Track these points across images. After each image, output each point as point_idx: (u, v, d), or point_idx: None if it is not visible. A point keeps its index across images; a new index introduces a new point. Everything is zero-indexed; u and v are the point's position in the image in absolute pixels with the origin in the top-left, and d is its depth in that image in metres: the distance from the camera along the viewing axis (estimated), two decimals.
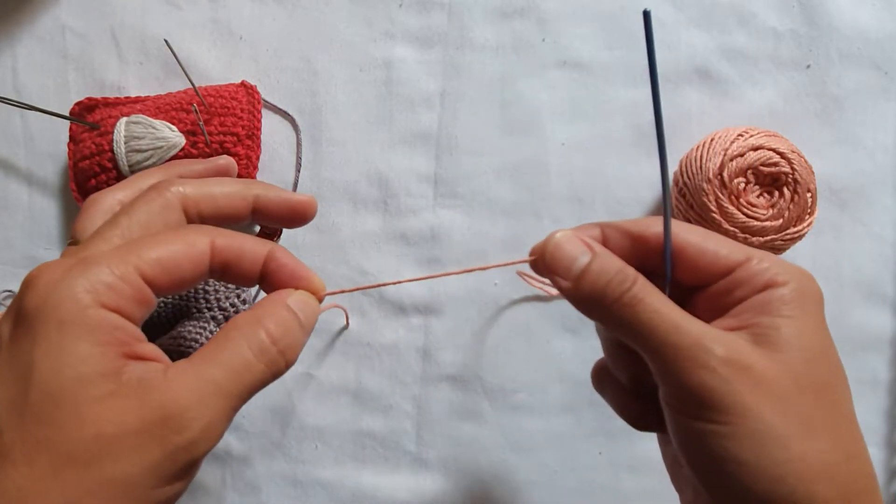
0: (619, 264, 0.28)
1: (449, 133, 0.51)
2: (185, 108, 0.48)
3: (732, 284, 0.28)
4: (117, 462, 0.22)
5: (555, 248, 0.28)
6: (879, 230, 0.50)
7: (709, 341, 0.26)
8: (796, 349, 0.26)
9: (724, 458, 0.25)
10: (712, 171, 0.44)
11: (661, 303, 0.27)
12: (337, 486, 0.51)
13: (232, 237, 0.28)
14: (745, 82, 0.50)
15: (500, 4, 0.51)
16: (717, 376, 0.25)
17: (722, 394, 0.25)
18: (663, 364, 0.26)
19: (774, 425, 0.25)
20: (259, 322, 0.26)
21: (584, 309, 0.28)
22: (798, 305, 0.27)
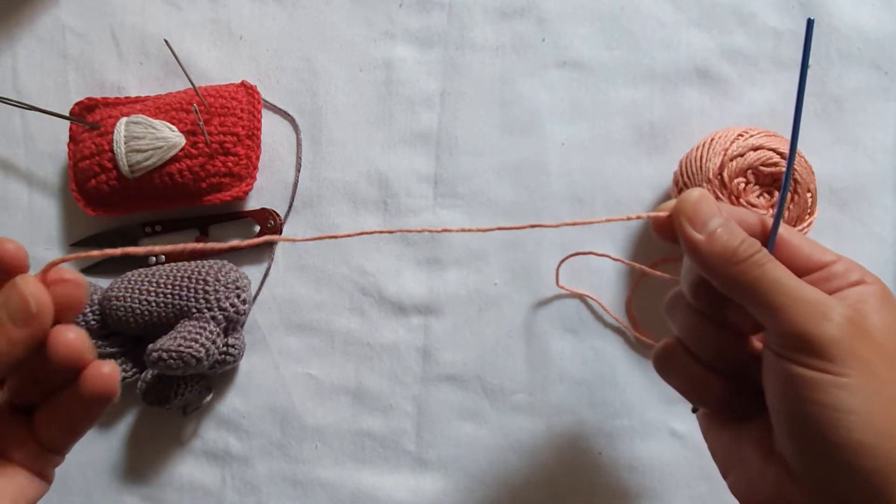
0: (745, 233, 0.30)
1: (449, 133, 0.51)
2: (185, 108, 0.48)
3: (826, 277, 0.31)
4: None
5: (696, 204, 0.31)
6: (879, 230, 0.50)
7: (831, 300, 0.28)
8: (893, 332, 0.29)
9: (834, 406, 0.26)
10: (712, 171, 0.44)
11: (784, 268, 0.30)
12: (337, 486, 0.51)
13: None
14: (745, 82, 0.50)
15: (500, 4, 0.51)
16: (839, 329, 0.27)
17: (842, 345, 0.27)
18: (787, 315, 0.28)
19: (887, 384, 0.27)
20: None
21: (710, 262, 0.30)
22: (885, 300, 0.30)
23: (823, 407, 0.27)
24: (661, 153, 0.50)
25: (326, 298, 0.51)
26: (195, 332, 0.44)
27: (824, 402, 0.27)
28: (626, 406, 0.50)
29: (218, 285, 0.47)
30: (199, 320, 0.46)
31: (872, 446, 0.26)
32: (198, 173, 0.48)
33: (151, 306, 0.47)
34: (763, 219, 0.33)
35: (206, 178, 0.48)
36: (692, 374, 0.33)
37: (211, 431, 0.51)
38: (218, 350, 0.46)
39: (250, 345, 0.51)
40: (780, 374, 0.28)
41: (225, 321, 0.47)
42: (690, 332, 0.34)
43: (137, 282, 0.48)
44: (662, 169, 0.50)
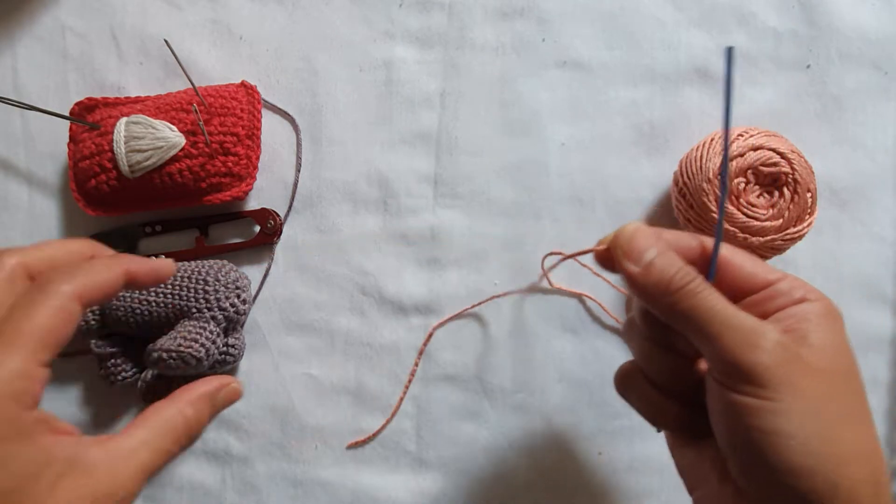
0: (681, 262, 0.31)
1: (449, 133, 0.51)
2: (185, 108, 0.48)
3: (769, 296, 0.32)
4: None
5: (630, 238, 0.32)
6: (879, 230, 0.50)
7: (763, 327, 0.29)
8: (832, 351, 0.29)
9: (770, 431, 0.27)
10: (712, 171, 0.44)
11: (719, 296, 0.30)
12: (337, 486, 0.51)
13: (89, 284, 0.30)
14: (745, 82, 0.50)
15: (500, 4, 0.51)
16: (770, 356, 0.28)
17: (773, 371, 0.28)
18: (721, 344, 0.29)
19: (819, 406, 0.28)
20: (182, 413, 0.31)
21: (648, 294, 0.31)
22: (828, 318, 0.30)
23: (761, 432, 0.27)
24: (661, 153, 0.50)
25: (326, 298, 0.51)
26: (195, 332, 0.44)
27: (761, 427, 0.28)
28: (626, 406, 0.50)
29: (218, 285, 0.47)
30: (199, 320, 0.46)
31: (810, 468, 0.27)
32: (198, 173, 0.48)
33: (151, 306, 0.46)
34: (704, 242, 0.33)
35: (206, 178, 0.48)
36: (649, 398, 0.34)
37: (211, 431, 0.51)
38: (218, 350, 0.46)
39: (250, 345, 0.51)
40: (721, 400, 0.29)
41: (225, 321, 0.47)
42: (644, 357, 0.35)
43: None
44: (662, 169, 0.50)
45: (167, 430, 0.30)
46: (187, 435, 0.31)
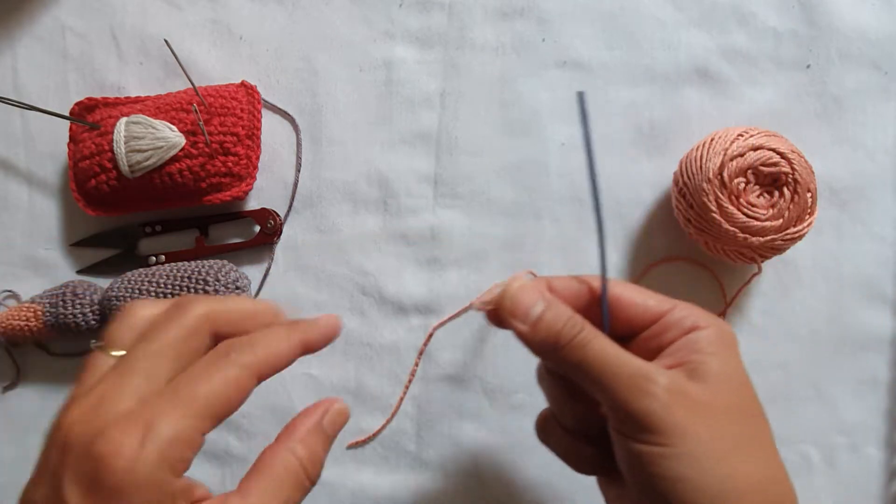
0: (569, 312, 0.31)
1: (449, 133, 0.51)
2: (185, 108, 0.48)
3: (662, 329, 0.32)
4: None
5: (515, 296, 0.32)
6: (879, 230, 0.50)
7: (651, 372, 0.29)
8: (724, 380, 0.30)
9: (667, 477, 0.28)
10: (712, 171, 0.44)
11: (608, 343, 0.30)
12: (337, 486, 0.51)
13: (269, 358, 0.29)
14: (745, 82, 0.50)
15: (500, 4, 0.51)
16: (659, 402, 0.28)
17: (663, 417, 0.28)
18: (612, 394, 0.29)
19: (711, 445, 0.28)
20: (294, 454, 0.30)
21: (538, 350, 0.32)
22: (720, 345, 0.31)
23: (661, 478, 0.28)
24: (661, 153, 0.50)
25: (326, 298, 0.51)
26: None
27: (661, 474, 0.28)
28: None
29: (218, 285, 0.47)
30: None
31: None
32: (198, 173, 0.48)
33: None
34: (591, 284, 0.33)
35: (206, 178, 0.48)
36: (564, 443, 0.35)
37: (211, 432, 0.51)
38: None
39: None
40: (620, 448, 0.30)
41: None
42: (555, 403, 0.36)
43: (137, 282, 0.48)
44: (662, 169, 0.50)
45: (286, 478, 0.29)
46: (308, 477, 0.30)
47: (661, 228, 0.50)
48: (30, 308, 0.49)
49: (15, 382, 0.52)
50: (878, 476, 0.50)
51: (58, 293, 0.49)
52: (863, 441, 0.50)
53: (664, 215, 0.50)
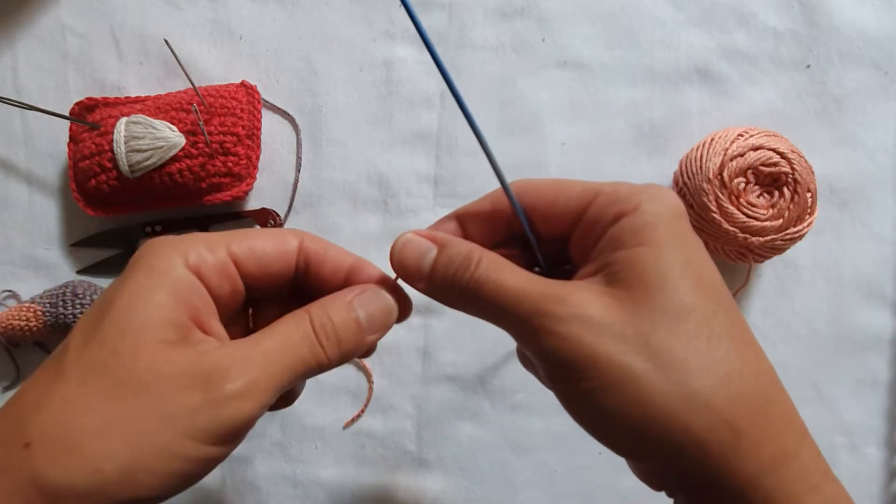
0: (465, 250, 0.27)
1: (449, 133, 0.51)
2: (185, 108, 0.48)
3: (588, 225, 0.27)
4: (161, 398, 0.23)
5: (399, 253, 0.28)
6: (879, 230, 0.50)
7: (549, 304, 0.25)
8: (654, 276, 0.24)
9: (601, 412, 0.24)
10: (712, 171, 0.44)
11: (505, 276, 0.26)
12: (337, 486, 0.51)
13: (319, 242, 0.29)
14: (745, 82, 0.50)
15: (500, 4, 0.51)
16: (561, 338, 0.24)
17: (572, 353, 0.24)
18: (518, 337, 0.26)
19: (630, 367, 0.23)
20: (308, 310, 0.27)
21: (444, 302, 0.28)
22: (650, 227, 0.25)
23: (592, 415, 0.25)
24: (661, 153, 0.50)
25: None
26: None
27: (590, 410, 0.25)
28: None
29: None
30: None
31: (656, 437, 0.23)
32: (198, 173, 0.48)
33: None
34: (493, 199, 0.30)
35: (206, 178, 0.48)
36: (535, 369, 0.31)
37: None
38: None
39: None
40: (553, 391, 0.27)
41: None
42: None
43: None
44: (662, 169, 0.50)
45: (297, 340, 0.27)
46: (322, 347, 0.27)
47: None
48: (30, 308, 0.49)
49: (15, 382, 0.52)
50: (878, 476, 0.50)
51: (58, 293, 0.49)
52: (863, 441, 0.50)
53: None
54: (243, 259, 0.28)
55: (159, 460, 0.23)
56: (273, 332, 0.27)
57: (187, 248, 0.26)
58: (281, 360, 0.26)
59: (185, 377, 0.24)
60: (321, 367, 0.27)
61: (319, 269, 0.29)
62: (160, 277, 0.25)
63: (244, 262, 0.28)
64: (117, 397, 0.23)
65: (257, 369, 0.25)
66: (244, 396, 0.25)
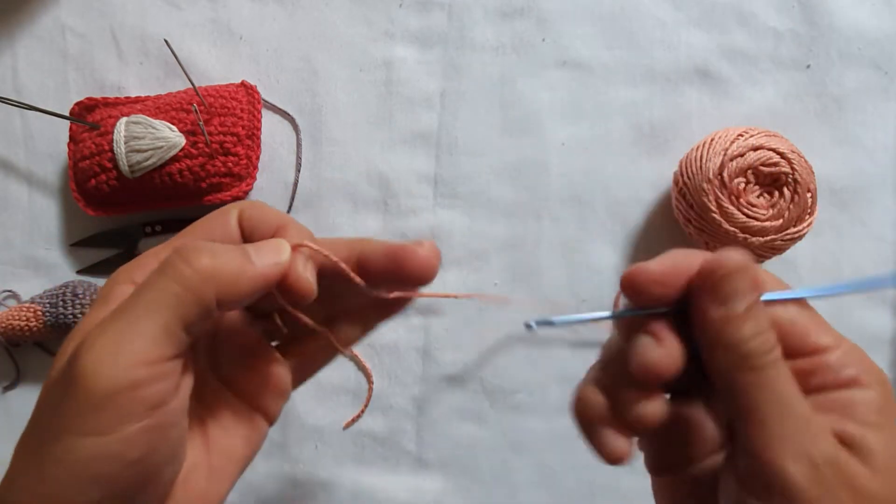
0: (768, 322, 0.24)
1: (449, 133, 0.51)
2: (185, 108, 0.48)
3: (815, 366, 0.25)
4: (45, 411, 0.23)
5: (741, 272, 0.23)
6: (879, 230, 0.50)
7: (818, 431, 0.22)
8: (890, 467, 0.23)
9: None
10: (712, 171, 0.44)
11: (786, 374, 0.23)
12: (337, 486, 0.51)
13: (259, 208, 0.28)
14: (745, 82, 0.50)
15: (500, 4, 0.51)
16: (819, 475, 0.22)
17: (808, 491, 0.21)
18: (758, 432, 0.23)
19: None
20: (174, 246, 0.25)
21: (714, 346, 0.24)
22: (884, 413, 0.24)
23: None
24: (661, 153, 0.50)
25: None
26: None
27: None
28: None
29: None
30: None
31: None
32: (198, 173, 0.48)
33: None
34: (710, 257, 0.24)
35: (206, 178, 0.48)
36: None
37: None
38: None
39: None
40: (730, 496, 0.24)
41: None
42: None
43: None
44: (662, 169, 0.50)
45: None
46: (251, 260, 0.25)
47: (661, 228, 0.50)
48: (30, 308, 0.49)
49: (15, 382, 0.52)
50: None
51: (58, 293, 0.49)
52: None
53: (664, 215, 0.50)
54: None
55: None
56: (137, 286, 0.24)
57: (134, 267, 0.26)
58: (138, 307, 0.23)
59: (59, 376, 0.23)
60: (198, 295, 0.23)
61: (251, 237, 0.28)
62: (98, 303, 0.25)
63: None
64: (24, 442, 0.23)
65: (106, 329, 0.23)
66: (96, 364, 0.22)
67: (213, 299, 0.24)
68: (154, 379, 0.22)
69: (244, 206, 0.28)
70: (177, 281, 0.23)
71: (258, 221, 0.28)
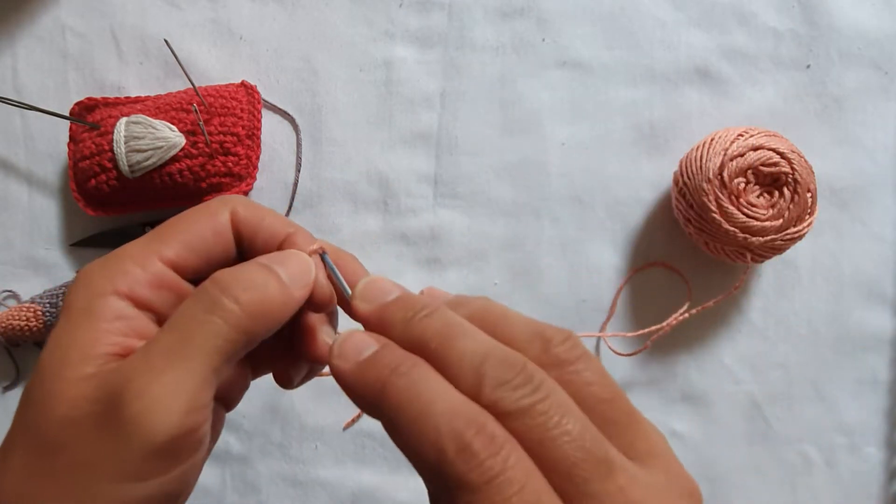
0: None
1: (449, 133, 0.51)
2: (185, 108, 0.48)
3: None
4: (78, 449, 0.21)
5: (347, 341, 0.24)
6: (879, 230, 0.50)
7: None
8: None
9: None
10: (712, 171, 0.44)
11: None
12: (337, 486, 0.51)
13: (255, 209, 0.27)
14: (745, 82, 0.50)
15: (500, 4, 0.51)
16: None
17: None
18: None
19: None
20: (210, 278, 0.24)
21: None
22: None
23: None
24: (661, 153, 0.50)
25: None
26: None
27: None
28: None
29: None
30: None
31: None
32: (198, 173, 0.48)
33: None
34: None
35: (206, 178, 0.48)
36: None
37: None
38: None
39: None
40: None
41: None
42: None
43: None
44: (662, 169, 0.50)
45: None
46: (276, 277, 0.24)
47: (661, 228, 0.50)
48: (30, 308, 0.49)
49: (15, 382, 0.52)
50: (878, 476, 0.50)
51: (58, 293, 0.49)
52: (863, 441, 0.50)
53: (664, 215, 0.50)
54: (180, 259, 0.25)
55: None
56: (172, 320, 0.23)
57: (114, 273, 0.24)
58: (187, 348, 0.22)
59: (93, 417, 0.21)
60: (246, 333, 0.23)
61: (252, 241, 0.26)
62: (80, 314, 0.23)
63: (182, 262, 0.25)
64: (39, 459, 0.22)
65: (157, 374, 0.21)
66: (152, 414, 0.21)
67: (258, 335, 0.23)
68: (204, 420, 0.22)
69: (235, 205, 0.27)
70: (225, 320, 0.22)
71: (258, 226, 0.27)
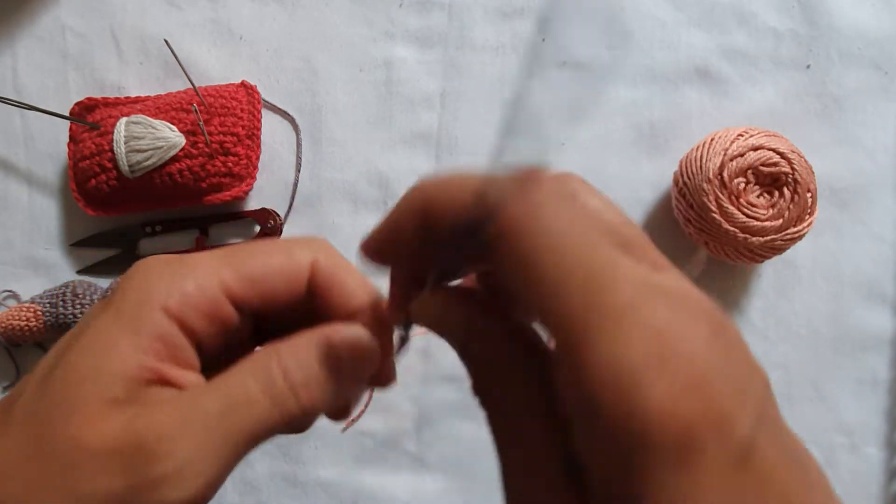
0: None
1: (449, 133, 0.51)
2: (185, 108, 0.48)
3: None
4: (84, 480, 0.20)
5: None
6: (879, 230, 0.50)
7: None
8: None
9: None
10: (712, 171, 0.44)
11: None
12: (337, 486, 0.51)
13: (336, 259, 0.26)
14: (745, 82, 0.50)
15: (500, 4, 0.51)
16: None
17: None
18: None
19: None
20: (275, 351, 0.22)
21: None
22: None
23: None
24: (661, 153, 0.50)
25: None
26: None
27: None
28: None
29: None
30: None
31: None
32: (198, 173, 0.48)
33: None
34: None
35: (206, 178, 0.48)
36: None
37: None
38: None
39: None
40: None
41: None
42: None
43: None
44: (662, 169, 0.50)
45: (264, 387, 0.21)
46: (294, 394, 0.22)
47: (661, 228, 0.50)
48: (30, 308, 0.49)
49: (15, 382, 0.52)
50: (878, 476, 0.50)
51: (58, 293, 0.49)
52: (863, 441, 0.50)
53: (664, 215, 0.50)
54: (240, 291, 0.23)
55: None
56: (222, 383, 0.21)
57: (172, 285, 0.22)
58: (232, 420, 0.21)
59: (107, 457, 0.20)
60: (289, 424, 0.22)
61: (325, 294, 0.25)
62: (125, 321, 0.21)
63: (242, 294, 0.23)
64: (41, 472, 0.20)
65: (197, 441, 0.20)
66: (179, 479, 0.20)
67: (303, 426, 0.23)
68: (218, 489, 0.21)
69: (318, 251, 0.25)
70: (279, 412, 0.22)
71: (334, 282, 0.25)
